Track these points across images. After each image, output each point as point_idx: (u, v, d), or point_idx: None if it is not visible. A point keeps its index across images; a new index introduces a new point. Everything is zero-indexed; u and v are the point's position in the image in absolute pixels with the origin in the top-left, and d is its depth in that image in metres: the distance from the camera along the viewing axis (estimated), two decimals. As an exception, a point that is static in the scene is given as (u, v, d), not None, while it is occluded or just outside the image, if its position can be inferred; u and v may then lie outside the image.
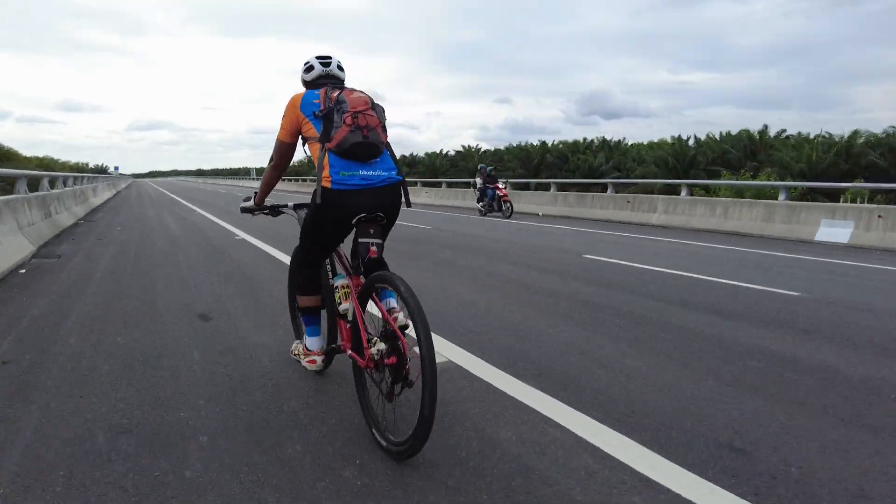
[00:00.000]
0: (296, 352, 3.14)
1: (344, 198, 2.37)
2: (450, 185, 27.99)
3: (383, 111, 2.52)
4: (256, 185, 45.02)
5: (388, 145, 2.54)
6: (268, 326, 4.09)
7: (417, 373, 2.04)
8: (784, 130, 34.88)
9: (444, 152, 55.94)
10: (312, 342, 2.91)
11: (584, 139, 44.13)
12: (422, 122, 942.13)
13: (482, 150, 52.06)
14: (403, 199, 2.57)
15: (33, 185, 10.31)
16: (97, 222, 12.53)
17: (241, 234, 9.91)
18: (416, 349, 2.03)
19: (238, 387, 2.94)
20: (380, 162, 2.46)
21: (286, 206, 3.07)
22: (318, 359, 2.91)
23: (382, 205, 2.45)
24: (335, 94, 2.43)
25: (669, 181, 24.49)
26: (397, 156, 2.62)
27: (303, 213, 2.89)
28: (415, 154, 58.06)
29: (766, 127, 35.50)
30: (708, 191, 26.38)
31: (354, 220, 2.43)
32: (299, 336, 3.25)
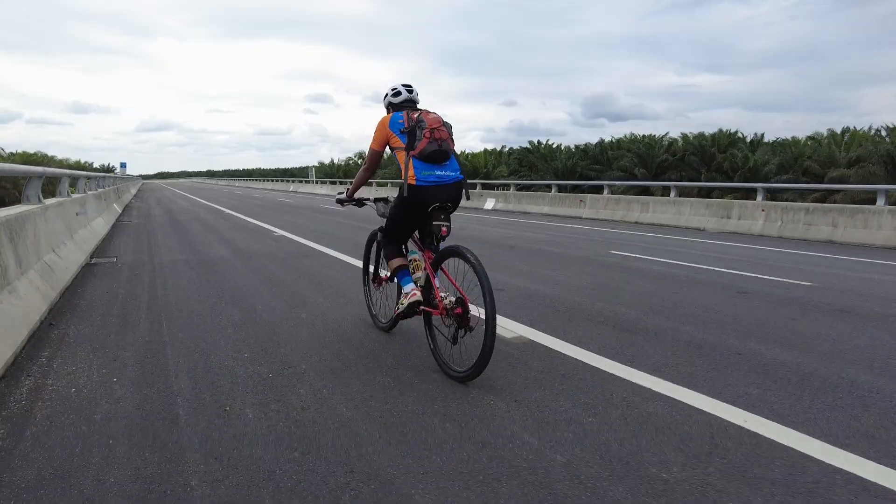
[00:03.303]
0: (400, 306, 3.46)
1: (424, 191, 3.20)
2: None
3: (451, 127, 3.34)
4: (309, 189, 35.17)
5: (454, 152, 3.31)
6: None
7: (475, 322, 2.93)
8: None
9: (507, 149, 44.35)
10: (408, 287, 3.42)
11: (727, 131, 32.07)
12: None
13: (559, 145, 39.97)
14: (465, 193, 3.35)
15: None
16: None
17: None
18: (474, 308, 2.95)
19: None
20: (449, 164, 3.27)
21: (368, 199, 3.90)
22: (417, 293, 3.35)
23: (451, 197, 3.26)
24: (415, 115, 3.27)
25: None
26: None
27: (380, 205, 3.72)
28: (467, 152, 46.31)
29: None
30: None
31: (430, 208, 3.24)
32: (371, 304, 4.19)
